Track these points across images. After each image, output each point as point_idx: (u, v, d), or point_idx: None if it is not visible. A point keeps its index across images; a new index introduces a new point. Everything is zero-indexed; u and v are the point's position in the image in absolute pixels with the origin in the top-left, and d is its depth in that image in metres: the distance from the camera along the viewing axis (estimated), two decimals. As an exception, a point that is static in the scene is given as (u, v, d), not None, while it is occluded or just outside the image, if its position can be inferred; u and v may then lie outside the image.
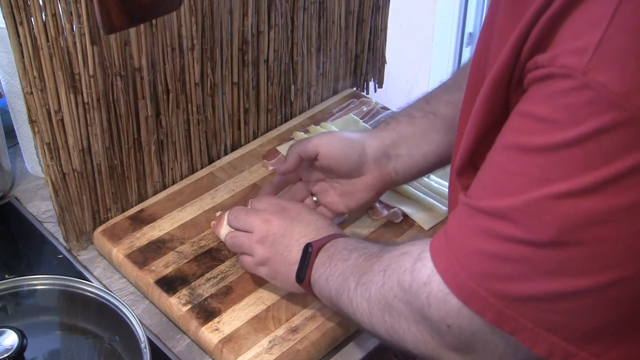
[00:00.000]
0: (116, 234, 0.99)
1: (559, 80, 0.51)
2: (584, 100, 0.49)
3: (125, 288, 0.96)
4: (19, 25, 0.81)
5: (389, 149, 0.91)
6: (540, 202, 0.52)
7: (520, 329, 0.56)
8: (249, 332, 0.87)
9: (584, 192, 0.51)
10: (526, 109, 0.54)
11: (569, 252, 0.52)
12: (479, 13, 2.25)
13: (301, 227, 0.84)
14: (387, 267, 0.68)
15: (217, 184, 1.08)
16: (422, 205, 1.04)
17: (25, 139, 1.09)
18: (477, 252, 0.57)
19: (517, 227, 0.54)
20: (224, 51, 1.04)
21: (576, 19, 0.50)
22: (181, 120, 1.03)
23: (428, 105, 0.92)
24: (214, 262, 0.95)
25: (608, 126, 0.49)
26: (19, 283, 0.88)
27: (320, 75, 1.24)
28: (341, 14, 1.20)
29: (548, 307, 0.55)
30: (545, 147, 0.52)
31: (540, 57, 0.52)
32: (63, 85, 0.87)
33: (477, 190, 0.59)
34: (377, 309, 0.69)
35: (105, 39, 0.88)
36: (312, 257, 0.80)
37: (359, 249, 0.76)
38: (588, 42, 0.49)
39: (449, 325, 0.61)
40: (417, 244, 0.67)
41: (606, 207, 0.50)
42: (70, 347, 0.87)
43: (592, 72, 0.49)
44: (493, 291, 0.57)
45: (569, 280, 0.53)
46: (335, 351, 0.89)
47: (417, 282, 0.63)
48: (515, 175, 0.54)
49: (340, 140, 0.91)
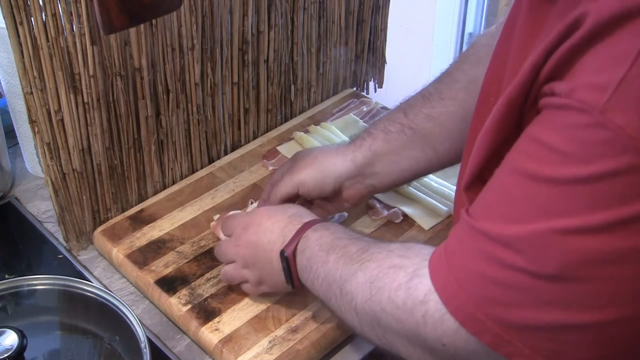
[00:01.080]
0: (116, 234, 0.99)
1: (575, 113, 0.50)
2: (599, 139, 0.48)
3: (125, 288, 0.96)
4: (19, 25, 0.81)
5: (364, 168, 0.90)
6: (546, 235, 0.52)
7: (517, 354, 0.56)
8: (249, 332, 0.87)
9: (592, 230, 0.50)
10: (538, 135, 0.53)
11: (571, 287, 0.52)
12: (479, 13, 2.25)
13: (268, 237, 0.82)
14: (375, 279, 0.66)
15: (217, 184, 1.08)
16: (422, 205, 1.04)
17: (25, 139, 1.09)
18: (477, 275, 0.57)
19: (520, 257, 0.53)
20: (224, 51, 1.04)
21: (600, 52, 0.49)
22: (181, 120, 1.03)
23: (406, 118, 0.89)
24: (214, 262, 0.95)
25: (623, 169, 0.48)
26: (19, 283, 0.88)
27: (320, 75, 1.24)
28: (341, 14, 1.20)
29: (547, 336, 0.54)
30: (554, 179, 0.51)
31: (558, 85, 0.51)
32: (63, 85, 0.87)
33: (480, 209, 0.59)
34: (366, 320, 0.68)
35: (105, 39, 0.88)
36: (291, 264, 0.79)
37: (335, 249, 0.74)
38: (609, 80, 0.48)
39: (444, 345, 0.60)
40: (410, 256, 0.66)
41: (613, 248, 0.50)
42: (70, 347, 0.87)
43: (610, 112, 0.48)
44: (492, 315, 0.56)
45: (569, 313, 0.53)
46: (335, 351, 0.89)
47: (412, 300, 0.62)
48: (521, 202, 0.54)
49: (314, 177, 0.91)
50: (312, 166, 0.91)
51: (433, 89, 0.90)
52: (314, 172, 0.91)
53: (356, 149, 0.91)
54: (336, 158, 0.91)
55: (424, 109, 0.89)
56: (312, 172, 0.91)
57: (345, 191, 0.92)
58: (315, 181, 0.90)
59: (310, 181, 0.91)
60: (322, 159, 0.92)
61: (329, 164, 0.91)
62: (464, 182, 0.63)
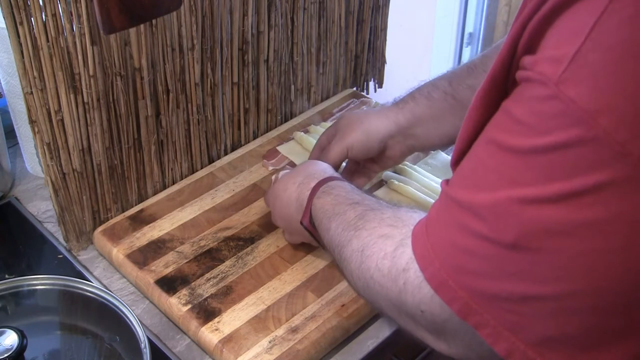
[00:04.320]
0: (116, 234, 0.99)
1: (535, 85, 0.51)
2: (554, 110, 0.49)
3: (125, 288, 0.96)
4: (19, 25, 0.81)
5: (405, 130, 0.96)
6: (506, 204, 0.53)
7: (484, 324, 0.56)
8: (249, 332, 0.87)
9: (545, 201, 0.51)
10: (508, 106, 0.54)
11: (528, 257, 0.53)
12: (479, 13, 2.25)
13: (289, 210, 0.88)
14: (365, 247, 0.69)
15: (217, 184, 1.08)
16: (422, 205, 1.04)
17: (25, 139, 1.09)
18: (450, 243, 0.58)
19: (484, 225, 0.54)
20: (224, 51, 1.04)
21: (561, 24, 0.50)
22: (181, 120, 1.03)
23: (450, 87, 0.94)
24: (214, 262, 0.95)
25: (574, 141, 0.49)
26: (19, 283, 0.88)
27: (320, 75, 1.24)
28: (341, 14, 1.20)
29: (510, 307, 0.55)
30: (517, 149, 0.52)
31: (527, 58, 0.52)
32: (63, 85, 0.87)
33: (457, 178, 0.60)
34: (360, 286, 0.70)
35: (105, 39, 0.88)
36: (312, 231, 0.84)
37: (336, 216, 0.77)
38: (565, 53, 0.48)
39: (422, 311, 0.61)
40: (399, 226, 0.67)
41: (565, 220, 0.50)
42: (70, 347, 0.87)
43: (564, 85, 0.48)
44: (462, 283, 0.57)
45: (528, 284, 0.53)
46: (335, 351, 0.89)
47: (396, 268, 0.64)
48: (490, 171, 0.55)
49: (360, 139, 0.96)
50: (358, 129, 0.96)
51: (479, 61, 0.94)
52: (360, 135, 0.96)
53: (399, 111, 0.96)
54: (379, 120, 0.96)
55: (467, 80, 0.93)
56: (359, 135, 0.96)
57: (388, 150, 0.98)
58: (362, 143, 0.96)
59: (358, 144, 0.96)
60: (366, 121, 0.97)
61: (373, 126, 0.96)
62: (452, 157, 0.64)
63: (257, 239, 0.99)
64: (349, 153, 0.96)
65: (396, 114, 0.96)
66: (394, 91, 1.01)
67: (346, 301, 0.90)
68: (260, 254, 0.97)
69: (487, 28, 2.29)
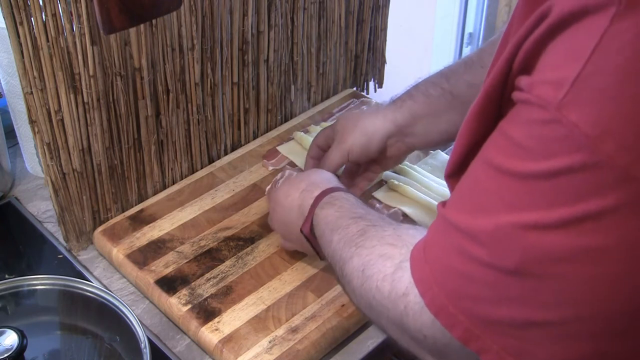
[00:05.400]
0: (116, 234, 0.99)
1: (534, 108, 0.50)
2: (555, 135, 0.48)
3: (125, 288, 0.96)
4: (19, 25, 0.81)
5: (404, 128, 0.95)
6: (507, 229, 0.52)
7: (486, 350, 0.56)
8: (249, 332, 0.87)
9: (548, 227, 0.50)
10: (506, 128, 0.54)
11: (530, 283, 0.52)
12: (479, 13, 2.25)
13: (289, 217, 0.87)
14: (366, 267, 0.68)
15: (217, 184, 1.08)
16: (422, 205, 1.04)
17: (25, 139, 1.09)
18: (448, 267, 0.57)
19: (484, 250, 0.53)
20: (224, 51, 1.04)
21: (559, 46, 0.49)
22: (181, 120, 1.03)
23: (447, 84, 0.93)
24: (214, 262, 0.95)
25: (577, 166, 0.48)
26: (19, 283, 0.88)
27: (320, 75, 1.24)
28: (341, 14, 1.20)
29: (512, 332, 0.54)
30: (517, 173, 0.52)
31: (524, 79, 0.52)
32: (63, 85, 0.87)
33: (455, 201, 0.59)
34: (362, 304, 0.70)
35: (105, 39, 0.88)
36: (311, 240, 0.83)
37: (338, 229, 0.76)
38: (565, 76, 0.48)
39: (425, 336, 0.61)
40: (399, 245, 0.66)
41: (568, 246, 0.50)
42: (70, 347, 0.87)
43: (565, 109, 0.48)
44: (462, 309, 0.56)
45: (530, 310, 0.53)
46: (335, 351, 0.89)
47: (396, 292, 0.63)
48: (490, 195, 0.54)
49: (360, 142, 0.95)
50: (357, 131, 0.96)
51: (476, 57, 0.93)
52: (359, 137, 0.95)
53: (396, 110, 0.95)
54: (377, 120, 0.95)
55: (465, 76, 0.92)
56: (358, 138, 0.95)
57: (388, 150, 0.97)
58: (362, 145, 0.95)
59: (357, 146, 0.95)
60: (364, 122, 0.96)
61: (371, 127, 0.95)
62: (447, 170, 0.64)
63: (257, 239, 0.99)
64: (349, 156, 0.96)
65: (394, 113, 0.95)
66: (394, 91, 1.01)
67: (346, 301, 0.90)
68: (260, 254, 0.97)
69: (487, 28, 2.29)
